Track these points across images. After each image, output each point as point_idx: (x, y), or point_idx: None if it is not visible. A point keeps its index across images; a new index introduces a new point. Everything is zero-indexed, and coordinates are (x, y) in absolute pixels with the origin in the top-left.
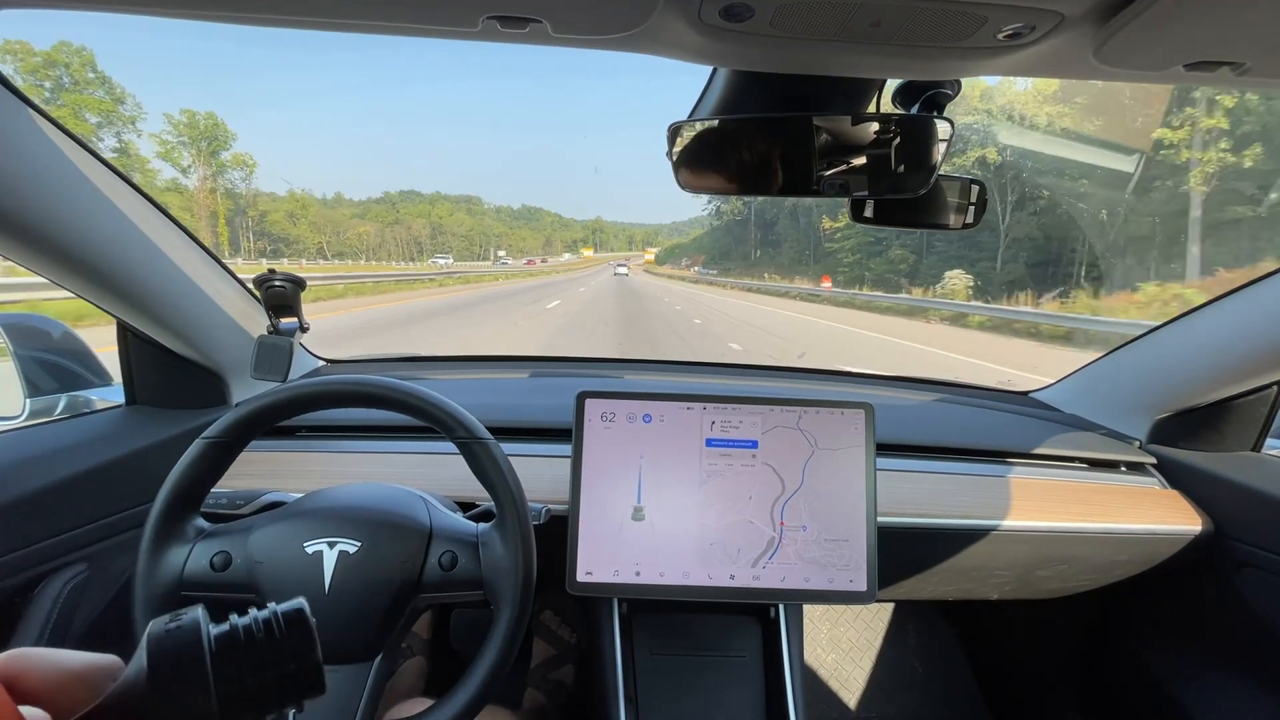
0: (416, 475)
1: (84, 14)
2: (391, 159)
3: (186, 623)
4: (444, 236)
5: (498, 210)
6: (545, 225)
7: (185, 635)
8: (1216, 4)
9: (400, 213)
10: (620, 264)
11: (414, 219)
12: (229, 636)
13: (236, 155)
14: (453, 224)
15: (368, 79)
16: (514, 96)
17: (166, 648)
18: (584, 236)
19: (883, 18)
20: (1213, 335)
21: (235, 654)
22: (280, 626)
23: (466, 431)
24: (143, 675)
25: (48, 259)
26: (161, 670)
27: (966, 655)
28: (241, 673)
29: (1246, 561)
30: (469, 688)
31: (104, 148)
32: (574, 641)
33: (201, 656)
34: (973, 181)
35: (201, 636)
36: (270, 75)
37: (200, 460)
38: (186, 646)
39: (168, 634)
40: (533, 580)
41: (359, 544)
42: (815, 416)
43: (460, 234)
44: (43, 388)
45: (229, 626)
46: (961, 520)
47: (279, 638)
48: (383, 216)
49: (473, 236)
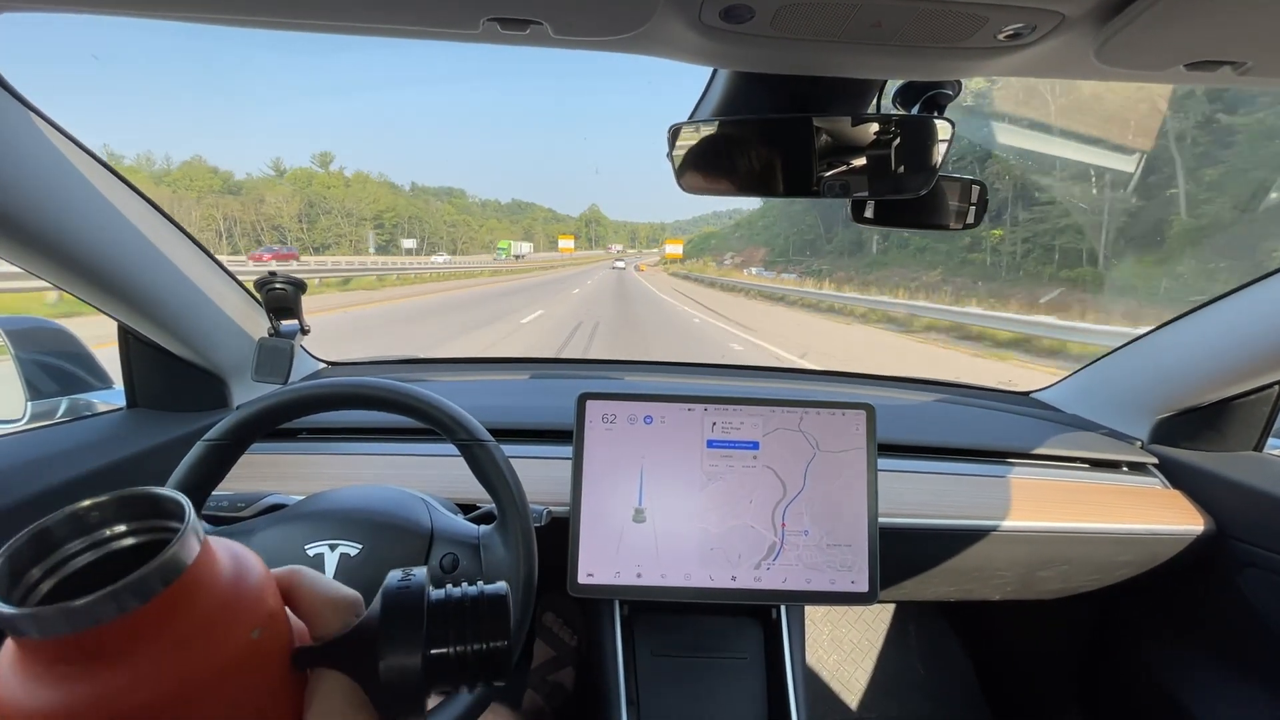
0: (417, 477)
1: (83, 15)
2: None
3: (415, 582)
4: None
5: (483, 204)
6: (535, 220)
7: (413, 593)
8: (1218, 4)
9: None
10: (617, 260)
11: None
12: (443, 602)
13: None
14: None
15: (353, 81)
16: (510, 93)
17: (398, 599)
18: (576, 230)
19: (883, 18)
20: (1214, 335)
21: (445, 619)
22: (484, 604)
23: (467, 433)
24: (376, 618)
25: (48, 262)
26: (392, 617)
27: (968, 656)
28: (447, 637)
29: (1249, 561)
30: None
31: None
32: (574, 643)
33: (421, 613)
34: (974, 182)
35: (424, 596)
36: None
37: (201, 463)
38: (412, 602)
39: (399, 589)
40: (534, 582)
41: (360, 546)
42: (816, 417)
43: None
44: (44, 391)
45: (444, 594)
46: (963, 521)
47: (482, 615)
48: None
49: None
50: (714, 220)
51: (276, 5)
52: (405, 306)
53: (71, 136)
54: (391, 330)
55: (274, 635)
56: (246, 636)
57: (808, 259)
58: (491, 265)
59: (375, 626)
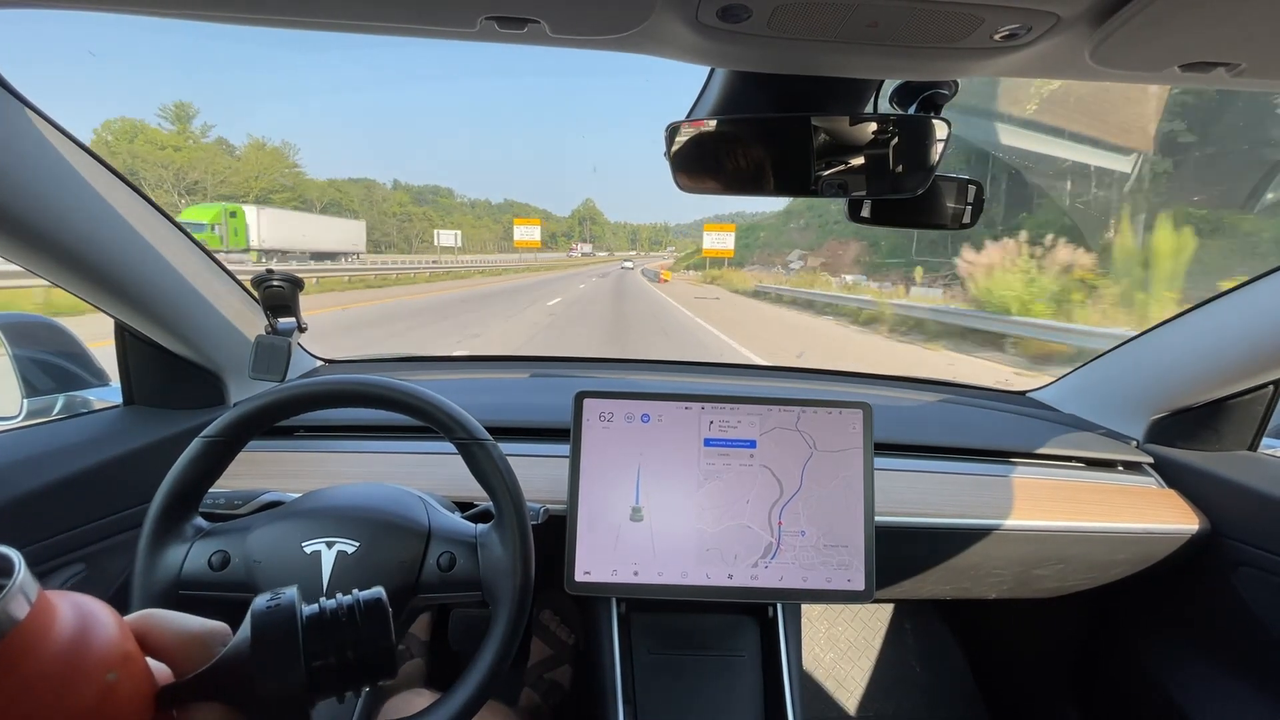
0: (414, 475)
1: (82, 14)
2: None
3: (284, 601)
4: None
5: (472, 204)
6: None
7: (283, 612)
8: (1212, 5)
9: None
10: (625, 261)
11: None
12: (318, 616)
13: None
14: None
15: (337, 80)
16: (504, 91)
17: (267, 621)
18: (568, 230)
19: (880, 18)
20: (1210, 335)
21: (322, 632)
22: (360, 611)
23: (466, 432)
24: (247, 644)
25: (45, 259)
26: (263, 640)
27: (964, 654)
28: (327, 649)
29: (1243, 560)
30: (467, 688)
31: None
32: (572, 642)
33: (295, 631)
34: (970, 181)
35: (296, 614)
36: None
37: (199, 459)
38: (284, 621)
39: (268, 610)
40: (531, 582)
41: (357, 544)
42: (813, 416)
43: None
44: (40, 388)
45: (318, 607)
46: (959, 520)
47: (360, 621)
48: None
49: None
50: (715, 224)
51: (275, 4)
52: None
53: (68, 133)
54: None
55: (130, 676)
56: (100, 681)
57: (937, 261)
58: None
59: (245, 651)
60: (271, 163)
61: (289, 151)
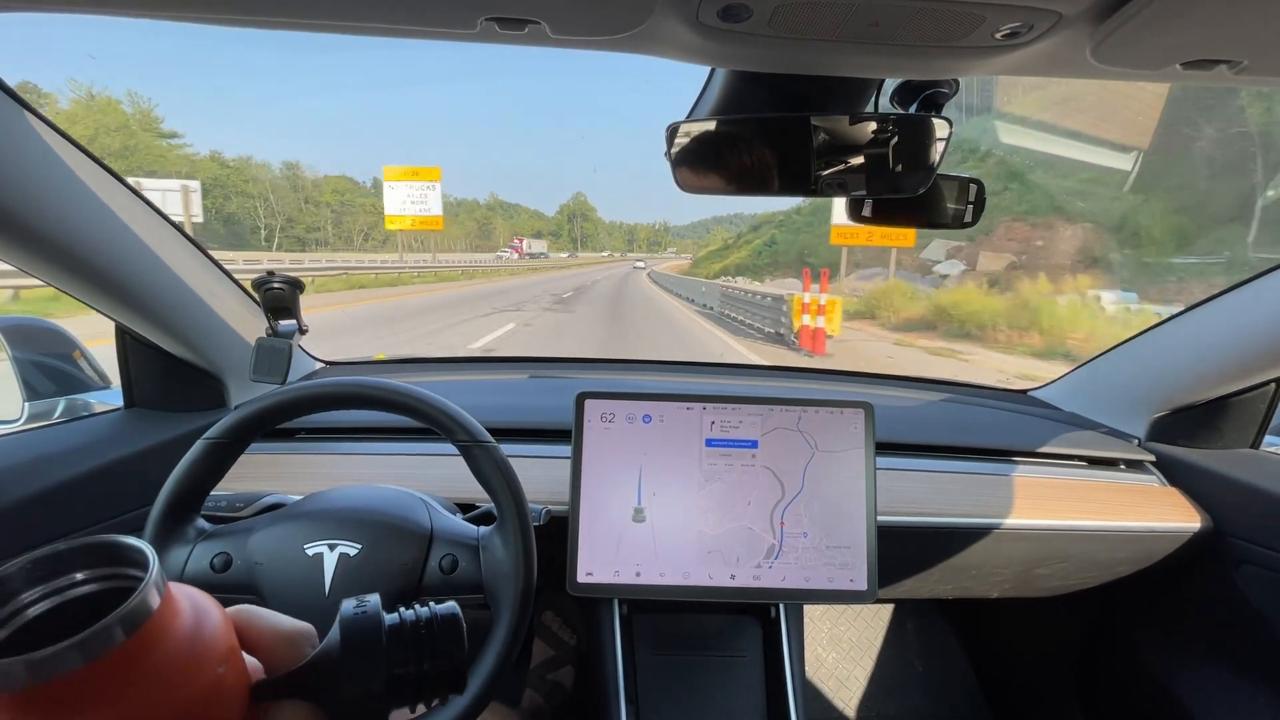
0: (415, 476)
1: (80, 14)
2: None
3: (370, 608)
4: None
5: (458, 203)
6: (520, 218)
7: (370, 619)
8: (1214, 3)
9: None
10: (637, 261)
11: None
12: (399, 626)
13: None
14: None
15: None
16: (497, 90)
17: (356, 626)
18: (555, 228)
19: (881, 18)
20: (1211, 332)
21: (402, 642)
22: (438, 624)
23: (468, 435)
24: (337, 647)
25: (45, 262)
26: (351, 644)
27: (966, 653)
28: (407, 659)
29: (1246, 559)
30: (470, 690)
31: None
32: (573, 643)
33: (380, 638)
34: (971, 180)
35: (381, 621)
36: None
37: (201, 460)
38: (371, 628)
39: (355, 616)
40: (533, 586)
41: (359, 546)
42: (815, 416)
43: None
44: (41, 391)
45: (399, 618)
46: (961, 519)
47: (436, 634)
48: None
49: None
50: (716, 225)
51: (275, 5)
52: None
53: (67, 135)
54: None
55: (235, 671)
56: (213, 673)
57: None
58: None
59: (335, 654)
60: (100, 120)
61: (135, 106)
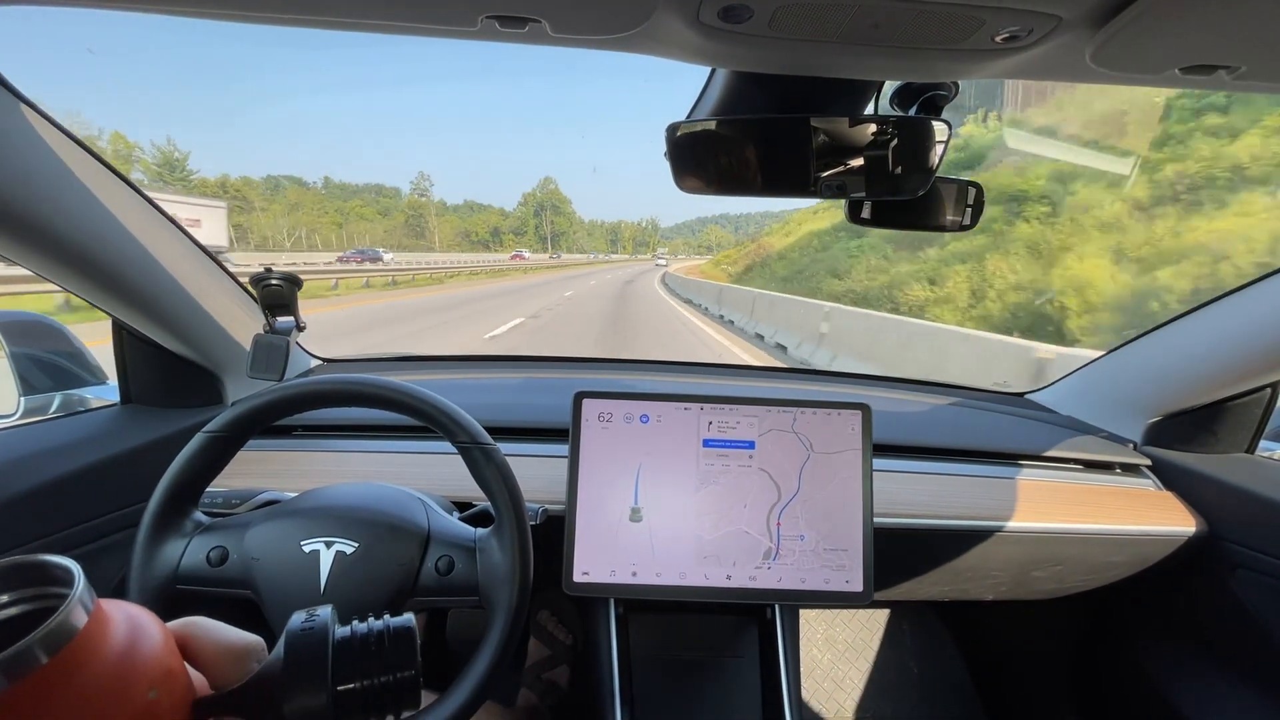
0: (412, 474)
1: (80, 11)
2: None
3: (318, 622)
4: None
5: (441, 207)
6: (487, 219)
7: (316, 634)
8: (1213, 8)
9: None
10: (658, 258)
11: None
12: (348, 640)
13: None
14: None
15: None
16: (486, 89)
17: (300, 642)
18: (521, 222)
19: (881, 20)
20: (1207, 337)
21: (350, 656)
22: (390, 637)
23: (468, 436)
24: (279, 663)
25: (43, 257)
26: (294, 661)
27: (962, 655)
28: (353, 674)
29: (1240, 563)
30: (463, 691)
31: None
32: (569, 642)
33: (325, 654)
34: (970, 183)
35: (328, 636)
36: None
37: (201, 454)
38: (316, 643)
39: (302, 631)
40: (529, 589)
41: (356, 545)
42: (812, 417)
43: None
44: (37, 386)
45: (349, 631)
46: (957, 521)
47: (387, 648)
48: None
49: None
50: (708, 224)
51: (276, 3)
52: None
53: (66, 130)
54: None
55: (171, 693)
56: (143, 698)
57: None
58: None
59: (278, 670)
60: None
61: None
